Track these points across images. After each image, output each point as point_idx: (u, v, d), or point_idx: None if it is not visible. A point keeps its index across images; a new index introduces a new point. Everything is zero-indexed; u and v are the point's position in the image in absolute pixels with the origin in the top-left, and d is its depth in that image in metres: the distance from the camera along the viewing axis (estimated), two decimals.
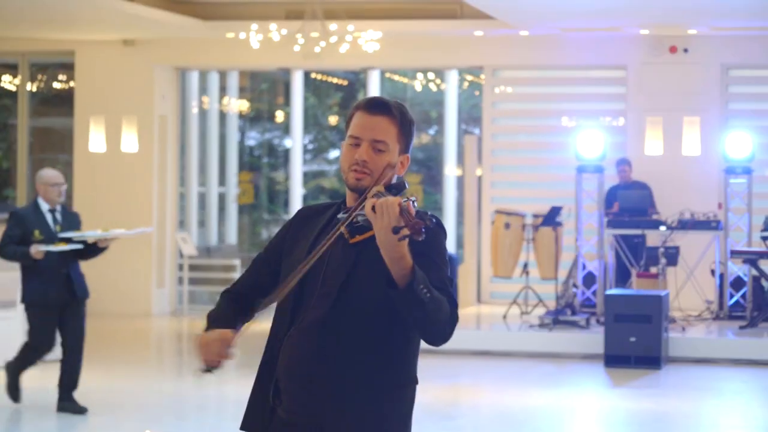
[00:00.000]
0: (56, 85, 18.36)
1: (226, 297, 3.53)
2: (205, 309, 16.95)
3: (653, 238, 13.89)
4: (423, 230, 2.94)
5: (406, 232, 2.94)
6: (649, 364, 11.61)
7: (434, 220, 3.13)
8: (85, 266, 9.17)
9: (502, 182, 16.17)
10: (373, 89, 17.41)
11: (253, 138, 19.89)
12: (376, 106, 3.27)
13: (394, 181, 3.29)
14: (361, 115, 3.27)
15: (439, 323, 3.12)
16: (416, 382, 3.33)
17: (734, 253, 13.55)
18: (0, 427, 8.77)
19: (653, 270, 13.49)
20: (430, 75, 18.62)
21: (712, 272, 13.92)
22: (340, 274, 3.24)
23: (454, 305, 3.18)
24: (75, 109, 16.71)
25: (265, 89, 19.71)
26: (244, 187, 18.04)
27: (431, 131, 19.52)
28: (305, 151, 19.27)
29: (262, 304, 3.38)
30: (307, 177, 19.42)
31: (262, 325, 3.45)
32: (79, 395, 9.14)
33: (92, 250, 9.00)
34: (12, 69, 17.56)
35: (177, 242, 16.59)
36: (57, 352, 11.42)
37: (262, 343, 3.40)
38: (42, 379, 10.09)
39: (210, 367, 3.33)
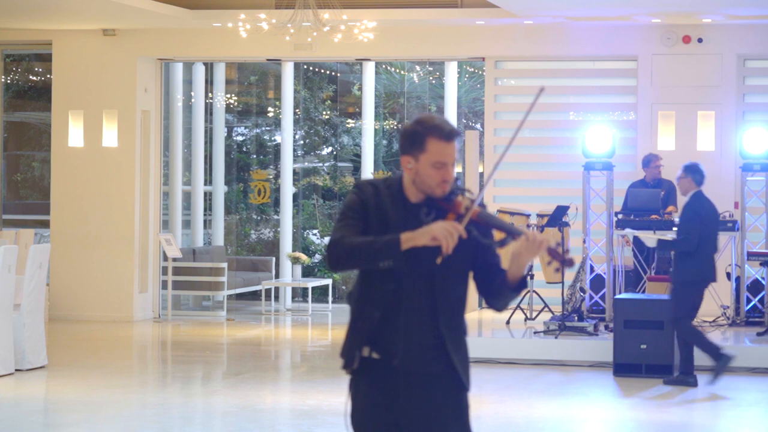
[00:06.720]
0: (32, 77, 18.35)
1: (353, 236, 4.35)
2: (190, 315, 16.98)
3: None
4: (572, 263, 4.34)
5: (556, 265, 4.39)
6: (661, 373, 11.61)
7: (569, 253, 4.44)
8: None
9: (506, 180, 16.18)
10: (369, 81, 17.41)
11: (241, 133, 19.91)
12: (452, 134, 4.37)
13: None
14: (441, 143, 4.35)
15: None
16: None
17: (751, 255, 13.57)
18: None
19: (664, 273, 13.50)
20: (429, 67, 18.62)
21: (728, 275, 13.94)
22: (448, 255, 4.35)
23: None
24: (52, 102, 16.69)
25: (254, 82, 19.71)
26: (260, 185, 18.07)
27: None
28: (297, 146, 19.28)
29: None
30: (299, 174, 19.43)
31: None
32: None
33: None
34: None
35: (160, 244, 16.58)
36: (36, 360, 11.44)
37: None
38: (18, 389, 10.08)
39: (446, 253, 4.26)
